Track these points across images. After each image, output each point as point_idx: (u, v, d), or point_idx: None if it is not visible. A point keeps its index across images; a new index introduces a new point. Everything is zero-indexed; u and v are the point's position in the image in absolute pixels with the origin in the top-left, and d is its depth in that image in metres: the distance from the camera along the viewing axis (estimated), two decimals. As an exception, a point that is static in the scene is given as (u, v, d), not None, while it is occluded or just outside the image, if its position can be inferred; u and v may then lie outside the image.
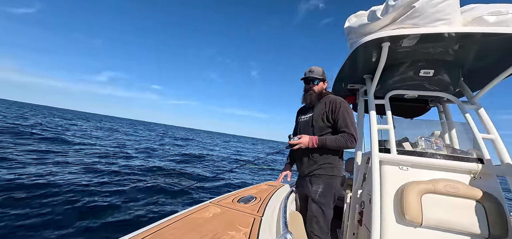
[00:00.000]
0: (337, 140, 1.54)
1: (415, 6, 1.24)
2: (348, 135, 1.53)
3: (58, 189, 4.10)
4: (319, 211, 1.53)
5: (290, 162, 1.95)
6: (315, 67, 1.80)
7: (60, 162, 6.03)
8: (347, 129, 1.54)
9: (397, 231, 1.32)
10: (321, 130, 1.65)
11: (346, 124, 1.55)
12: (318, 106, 1.71)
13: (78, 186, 4.39)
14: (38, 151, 6.83)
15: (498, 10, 1.24)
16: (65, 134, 12.02)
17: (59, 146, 8.24)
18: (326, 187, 1.57)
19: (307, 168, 1.67)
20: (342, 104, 1.61)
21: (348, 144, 1.53)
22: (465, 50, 1.42)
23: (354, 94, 2.39)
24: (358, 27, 1.54)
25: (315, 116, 1.70)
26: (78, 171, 5.49)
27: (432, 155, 1.47)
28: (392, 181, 1.42)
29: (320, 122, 1.65)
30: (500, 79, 1.54)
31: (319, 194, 1.56)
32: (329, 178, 1.59)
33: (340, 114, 1.58)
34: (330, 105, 1.63)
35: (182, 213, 1.00)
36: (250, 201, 1.30)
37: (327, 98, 1.71)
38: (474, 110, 1.63)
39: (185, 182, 6.24)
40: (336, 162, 1.63)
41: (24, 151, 6.52)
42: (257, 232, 0.88)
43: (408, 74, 1.62)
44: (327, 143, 1.56)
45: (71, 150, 8.03)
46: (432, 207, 1.28)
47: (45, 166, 5.40)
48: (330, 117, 1.62)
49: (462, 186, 1.29)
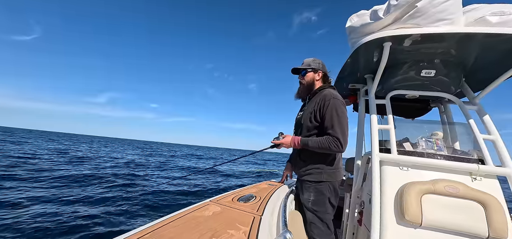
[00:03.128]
0: (320, 142, 1.43)
1: (417, 5, 1.23)
2: (332, 138, 1.40)
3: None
4: (315, 218, 1.50)
5: (290, 162, 1.94)
6: (306, 59, 1.72)
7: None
8: (332, 131, 1.41)
9: (396, 232, 1.32)
10: (309, 130, 1.56)
11: (332, 124, 1.42)
12: (310, 103, 1.63)
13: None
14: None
15: (501, 10, 1.23)
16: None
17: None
18: (317, 195, 1.51)
19: (298, 169, 1.64)
20: (331, 101, 1.46)
21: (332, 147, 1.39)
22: (467, 50, 1.41)
23: (355, 94, 2.39)
24: (359, 27, 1.53)
25: (304, 115, 1.62)
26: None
27: (433, 155, 1.47)
28: (392, 182, 1.42)
29: (308, 121, 1.56)
30: (502, 80, 1.53)
31: (311, 203, 1.52)
32: (318, 185, 1.51)
33: (327, 113, 1.45)
34: (320, 102, 1.52)
35: (182, 212, 1.00)
36: (250, 200, 1.30)
37: (321, 93, 1.60)
38: (475, 111, 1.63)
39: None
40: (325, 167, 1.53)
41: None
42: (256, 231, 0.88)
43: (410, 74, 1.61)
44: (310, 145, 1.47)
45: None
46: (432, 207, 1.28)
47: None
48: (317, 115, 1.51)
49: (462, 187, 1.28)
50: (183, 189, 7.10)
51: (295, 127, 1.76)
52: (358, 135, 2.21)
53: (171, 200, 5.97)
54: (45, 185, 6.13)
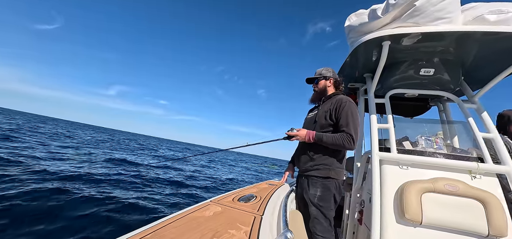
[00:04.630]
0: (335, 137, 1.50)
1: (416, 4, 1.23)
2: (346, 135, 1.48)
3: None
4: (319, 214, 1.51)
5: (292, 162, 1.95)
6: (318, 69, 1.86)
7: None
8: (347, 129, 1.49)
9: (397, 230, 1.32)
10: (323, 128, 1.63)
11: (347, 123, 1.50)
12: (325, 104, 1.71)
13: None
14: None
15: (499, 9, 1.23)
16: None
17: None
18: (324, 191, 1.53)
19: (304, 165, 1.66)
20: (347, 103, 1.56)
21: (345, 144, 1.47)
22: (466, 49, 1.41)
23: (355, 93, 2.39)
24: (358, 26, 1.53)
25: (319, 113, 1.69)
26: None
27: (432, 154, 1.47)
28: (392, 180, 1.42)
29: (323, 119, 1.63)
30: (500, 78, 1.54)
31: (317, 198, 1.53)
32: (326, 180, 1.54)
33: (342, 113, 1.54)
34: (336, 104, 1.61)
35: (183, 212, 1.00)
36: (250, 200, 1.30)
37: (335, 97, 1.69)
38: (474, 109, 1.63)
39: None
40: (334, 164, 1.57)
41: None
42: (257, 231, 0.88)
43: (409, 73, 1.62)
44: (324, 140, 1.53)
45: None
46: (432, 206, 1.28)
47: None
48: (333, 115, 1.59)
49: (462, 185, 1.29)
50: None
51: (306, 126, 1.80)
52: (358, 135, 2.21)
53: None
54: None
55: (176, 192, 5.90)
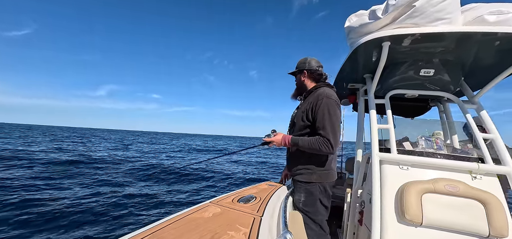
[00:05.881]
0: (311, 142, 1.40)
1: (415, 5, 1.23)
2: (323, 139, 1.36)
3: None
4: (307, 219, 1.49)
5: None
6: (299, 60, 1.73)
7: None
8: (323, 131, 1.37)
9: (397, 231, 1.32)
10: (300, 129, 1.53)
11: (323, 125, 1.38)
12: (304, 103, 1.60)
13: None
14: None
15: (499, 10, 1.23)
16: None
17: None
18: (307, 196, 1.50)
19: (290, 168, 1.64)
20: (324, 100, 1.41)
21: (322, 149, 1.36)
22: (466, 49, 1.41)
23: (355, 94, 2.39)
24: (358, 27, 1.53)
25: (297, 113, 1.60)
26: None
27: (433, 154, 1.47)
28: (392, 181, 1.42)
29: (300, 120, 1.54)
30: (500, 78, 1.53)
31: (302, 203, 1.51)
32: (309, 185, 1.50)
33: (319, 112, 1.41)
34: (313, 101, 1.48)
35: (182, 213, 1.00)
36: (250, 201, 1.29)
37: (315, 92, 1.56)
38: (475, 110, 1.63)
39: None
40: (316, 168, 1.50)
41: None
42: (257, 232, 0.88)
43: (409, 73, 1.62)
44: (300, 144, 1.45)
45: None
46: (433, 206, 1.28)
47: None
48: (309, 114, 1.48)
49: (462, 186, 1.28)
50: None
51: (290, 126, 1.75)
52: (358, 134, 2.21)
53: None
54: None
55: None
